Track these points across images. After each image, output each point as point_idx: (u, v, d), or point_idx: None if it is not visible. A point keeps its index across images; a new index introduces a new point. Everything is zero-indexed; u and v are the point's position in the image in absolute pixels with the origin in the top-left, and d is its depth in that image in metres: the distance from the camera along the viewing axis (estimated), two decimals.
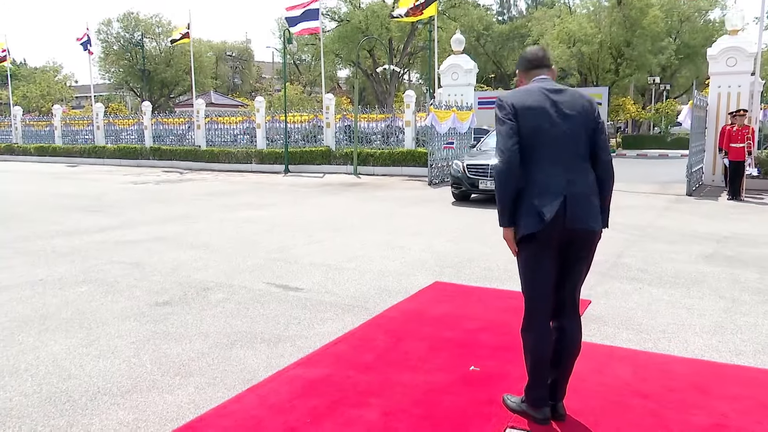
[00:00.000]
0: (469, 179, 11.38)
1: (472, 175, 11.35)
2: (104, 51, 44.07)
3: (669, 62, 37.57)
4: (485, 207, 10.81)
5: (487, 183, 11.13)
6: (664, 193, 13.15)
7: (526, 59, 3.03)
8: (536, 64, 2.97)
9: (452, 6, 37.08)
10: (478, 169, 11.30)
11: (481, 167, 11.19)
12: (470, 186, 11.43)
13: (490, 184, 10.83)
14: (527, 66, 3.00)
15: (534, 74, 2.95)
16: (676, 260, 6.56)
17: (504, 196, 2.77)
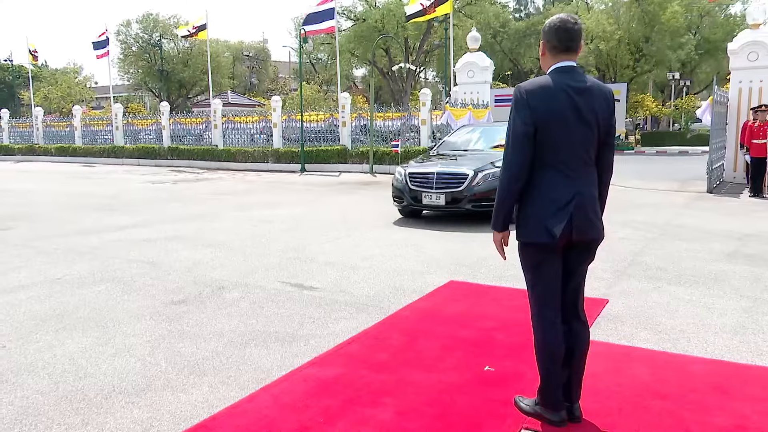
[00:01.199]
0: (412, 192, 8.89)
1: (415, 187, 8.87)
2: (123, 52, 44.56)
3: (689, 58, 37.10)
4: None
5: (432, 197, 8.66)
6: (684, 190, 12.96)
7: (557, 37, 2.69)
8: (567, 46, 2.69)
9: (468, 3, 36.89)
10: (422, 180, 8.84)
11: (427, 177, 8.82)
12: (413, 200, 8.91)
13: (437, 198, 8.63)
14: (557, 45, 2.70)
15: (561, 58, 2.70)
16: (696, 258, 6.46)
17: (504, 204, 2.75)
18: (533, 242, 2.73)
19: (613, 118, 2.78)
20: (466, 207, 8.51)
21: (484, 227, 8.24)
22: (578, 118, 2.65)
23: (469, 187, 8.44)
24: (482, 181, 8.45)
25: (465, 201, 8.50)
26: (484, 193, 8.38)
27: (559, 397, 2.86)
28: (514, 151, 2.66)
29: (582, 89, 2.67)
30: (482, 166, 8.67)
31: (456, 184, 8.57)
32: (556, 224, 2.65)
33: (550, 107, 2.62)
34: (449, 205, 8.59)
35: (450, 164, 9.04)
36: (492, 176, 8.30)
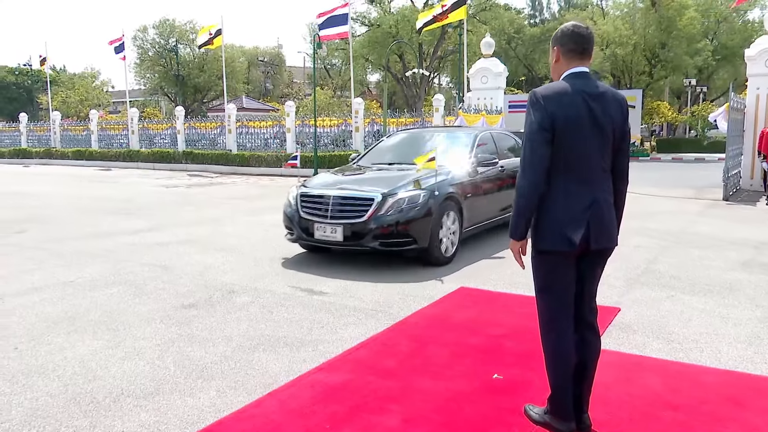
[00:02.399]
0: (302, 221, 6.53)
1: (306, 214, 6.51)
2: (140, 57, 45.00)
3: (706, 64, 36.73)
4: None
5: (326, 229, 6.29)
6: (700, 197, 12.82)
7: (572, 41, 2.69)
8: (581, 52, 2.70)
9: (483, 9, 36.87)
10: (315, 205, 6.50)
11: (320, 202, 6.46)
12: (303, 231, 6.54)
13: (332, 231, 6.25)
14: (572, 50, 2.70)
15: (574, 63, 2.70)
16: (711, 267, 6.37)
17: (523, 211, 2.68)
18: (550, 250, 2.69)
19: (627, 124, 2.76)
20: (371, 245, 6.14)
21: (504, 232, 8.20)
22: (594, 124, 2.63)
23: (375, 216, 6.10)
24: (394, 208, 6.13)
25: (369, 236, 6.12)
26: (395, 226, 6.11)
27: (569, 407, 2.82)
28: (533, 157, 2.62)
29: (597, 95, 2.66)
30: (395, 187, 6.34)
31: (357, 213, 6.20)
32: (575, 232, 2.63)
33: (567, 113, 2.60)
34: (348, 242, 6.22)
35: (355, 184, 6.80)
36: (409, 201, 6.17)
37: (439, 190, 6.38)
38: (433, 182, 6.42)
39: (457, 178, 6.93)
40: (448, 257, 6.56)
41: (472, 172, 7.24)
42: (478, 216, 7.25)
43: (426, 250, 6.26)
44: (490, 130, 8.84)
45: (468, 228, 7.03)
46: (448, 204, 6.55)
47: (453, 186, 6.73)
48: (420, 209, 6.19)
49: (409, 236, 6.14)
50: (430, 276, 6.03)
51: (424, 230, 6.19)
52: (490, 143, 8.13)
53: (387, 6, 38.15)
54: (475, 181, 7.23)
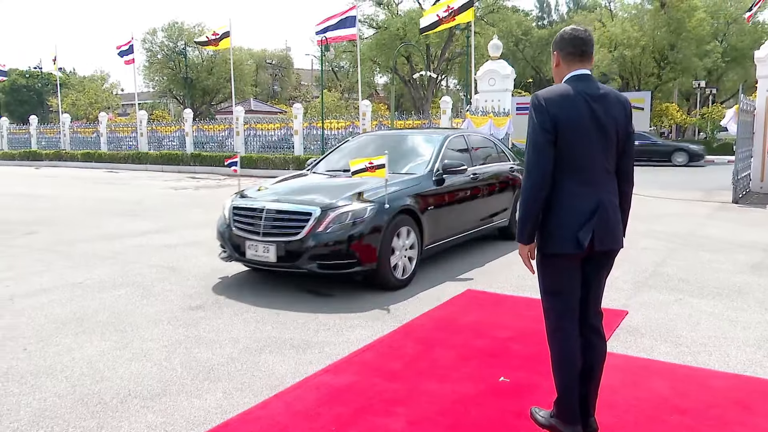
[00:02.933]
0: (233, 237, 5.73)
1: (238, 230, 5.69)
2: (149, 60, 45.26)
3: (715, 65, 36.52)
4: None
5: (258, 248, 5.45)
6: (709, 200, 12.73)
7: (571, 44, 2.71)
8: (580, 54, 2.71)
9: (490, 12, 36.82)
10: (248, 219, 5.67)
11: (254, 215, 5.64)
12: (234, 249, 5.72)
13: (264, 250, 5.41)
14: (571, 53, 2.72)
15: (575, 66, 2.71)
16: (720, 270, 6.33)
17: (529, 214, 2.68)
18: (557, 253, 2.69)
19: (631, 126, 2.76)
20: (307, 267, 5.28)
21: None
22: (597, 126, 2.63)
23: (313, 233, 5.25)
24: (335, 223, 5.27)
25: (305, 256, 5.26)
26: (337, 245, 5.24)
27: (576, 410, 2.81)
28: (537, 159, 2.62)
29: (599, 96, 2.66)
30: (337, 200, 5.51)
31: (292, 230, 5.36)
32: (580, 234, 2.62)
33: (570, 114, 2.60)
34: (282, 263, 5.37)
35: (296, 194, 5.91)
36: (353, 216, 5.31)
37: (391, 203, 5.50)
38: (384, 193, 5.52)
39: (416, 188, 6.02)
40: (404, 280, 5.68)
41: (437, 180, 6.32)
42: (444, 230, 6.42)
43: (375, 272, 5.38)
44: (465, 134, 7.84)
45: (431, 245, 6.16)
46: (403, 218, 5.67)
47: (410, 197, 5.85)
48: (366, 225, 5.32)
49: (352, 256, 5.27)
50: (437, 278, 6.02)
51: (371, 249, 5.31)
52: (462, 148, 7.30)
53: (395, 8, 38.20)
54: (440, 191, 6.31)
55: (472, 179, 6.98)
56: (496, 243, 7.76)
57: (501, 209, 7.67)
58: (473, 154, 7.44)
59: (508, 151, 8.57)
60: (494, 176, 7.58)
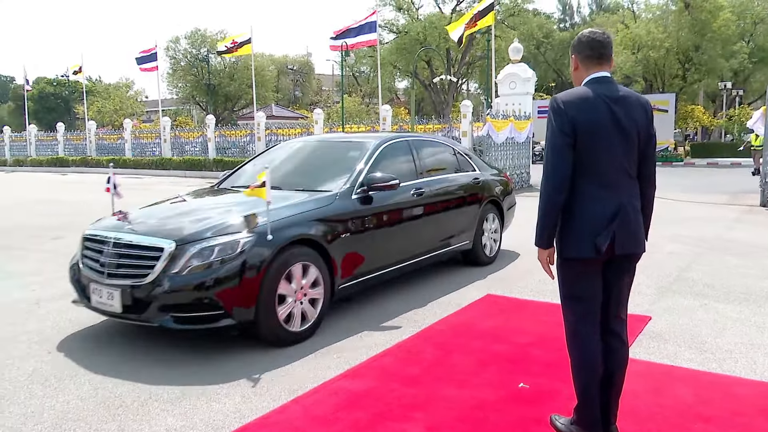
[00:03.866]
0: (81, 277, 4.51)
1: (85, 267, 4.47)
2: (172, 67, 45.93)
3: (742, 66, 35.93)
4: None
5: (103, 293, 4.20)
6: (735, 203, 12.50)
7: (589, 47, 2.69)
8: (598, 57, 2.68)
9: (511, 15, 36.71)
10: (95, 255, 4.42)
11: (100, 251, 4.37)
12: (81, 292, 4.50)
13: (108, 296, 4.16)
14: (589, 56, 2.69)
15: (594, 69, 2.68)
16: (747, 275, 6.20)
17: (547, 217, 2.65)
18: (576, 257, 2.65)
19: (652, 128, 2.72)
20: (159, 320, 4.00)
21: (532, 239, 8.11)
22: (618, 128, 2.60)
23: (166, 275, 3.98)
24: (195, 261, 4.00)
25: (155, 306, 3.99)
26: (196, 290, 3.96)
27: (597, 417, 2.77)
28: (556, 162, 2.60)
29: (619, 98, 2.64)
30: (204, 228, 4.21)
31: (140, 269, 4.09)
32: (600, 237, 2.58)
33: (589, 117, 2.57)
34: (129, 313, 4.10)
35: (157, 220, 4.59)
36: (220, 251, 4.03)
37: (277, 233, 4.18)
38: (277, 219, 4.29)
39: (323, 211, 4.67)
40: (302, 332, 4.34)
41: (362, 199, 5.01)
42: (375, 261, 5.12)
43: (254, 324, 4.07)
44: (411, 138, 6.31)
45: (352, 281, 4.87)
46: (298, 252, 4.32)
47: (312, 223, 4.52)
48: (237, 263, 3.98)
49: (216, 306, 3.95)
50: (457, 282, 5.99)
51: (246, 295, 3.99)
52: (404, 157, 5.90)
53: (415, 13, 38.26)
54: (363, 213, 4.99)
55: (417, 195, 5.65)
56: (516, 247, 7.68)
57: (461, 230, 6.35)
58: (421, 163, 6.04)
59: (475, 158, 7.28)
60: (451, 190, 6.28)
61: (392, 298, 5.47)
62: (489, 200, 6.84)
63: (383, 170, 5.32)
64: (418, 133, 7.42)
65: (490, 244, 6.92)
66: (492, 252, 6.96)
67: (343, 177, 5.18)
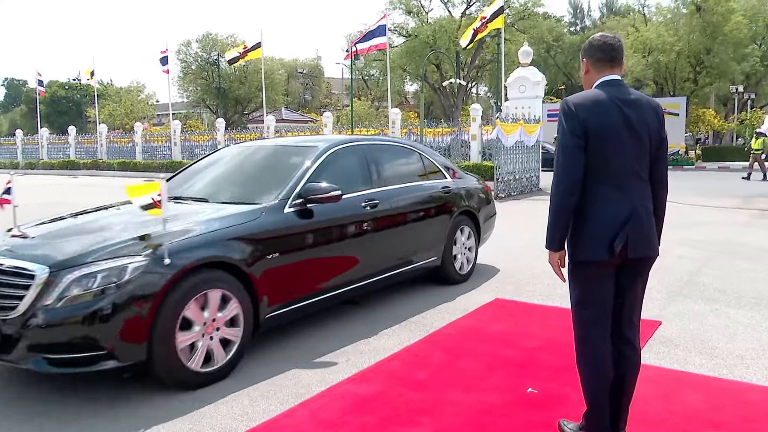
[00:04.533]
0: None
1: None
2: (183, 70, 46.24)
3: (753, 70, 35.63)
4: None
5: None
6: (747, 207, 12.39)
7: (600, 50, 2.69)
8: (610, 60, 2.68)
9: (521, 18, 36.66)
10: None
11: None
12: None
13: None
14: (600, 59, 2.69)
15: (605, 72, 2.68)
16: (758, 279, 6.14)
17: (558, 221, 2.63)
18: (589, 261, 2.63)
19: (663, 131, 2.72)
20: (29, 363, 3.37)
21: (542, 243, 8.07)
22: (629, 131, 2.59)
23: (38, 306, 3.33)
24: (73, 292, 3.33)
25: (24, 344, 3.33)
26: (74, 327, 3.30)
27: (606, 424, 2.75)
28: (567, 165, 2.58)
29: (631, 101, 2.63)
30: (86, 251, 3.53)
31: (8, 299, 3.43)
32: (613, 240, 2.57)
33: (601, 120, 2.56)
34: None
35: (43, 239, 3.93)
36: (103, 279, 3.36)
37: (180, 255, 3.53)
38: (170, 241, 3.55)
39: (245, 228, 3.97)
40: (211, 372, 3.68)
41: (299, 212, 4.33)
42: (310, 285, 4.43)
43: (147, 364, 3.43)
44: (366, 142, 5.59)
45: (283, 309, 4.19)
46: (208, 277, 3.67)
47: (227, 243, 3.81)
48: (125, 293, 3.34)
49: (97, 346, 3.30)
50: (465, 287, 5.97)
51: (135, 332, 3.35)
52: (356, 164, 5.21)
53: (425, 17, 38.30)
54: (298, 229, 4.29)
55: (369, 207, 4.95)
56: (525, 251, 7.63)
57: (426, 245, 5.65)
58: (378, 171, 5.31)
59: (446, 164, 6.52)
60: (414, 201, 5.56)
61: (400, 301, 5.46)
62: (462, 211, 6.16)
63: (328, 179, 4.62)
64: (379, 136, 6.08)
65: (463, 260, 6.19)
66: (465, 269, 6.24)
67: (279, 188, 4.44)
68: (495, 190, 15.23)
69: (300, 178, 4.54)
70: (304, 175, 4.58)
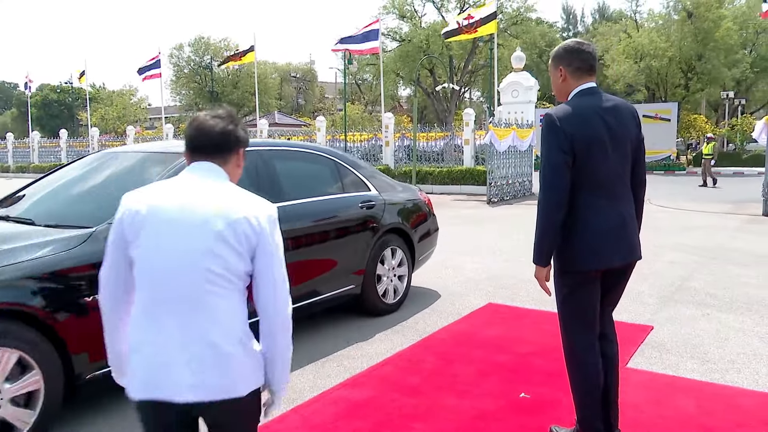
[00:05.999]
0: None
1: None
2: (176, 74, 46.10)
3: (744, 76, 35.89)
4: None
5: None
6: (738, 212, 12.46)
7: (579, 59, 2.64)
8: (589, 68, 2.65)
9: (514, 23, 36.78)
10: None
11: None
12: None
13: None
14: (579, 68, 2.65)
15: (585, 79, 2.65)
16: (749, 284, 6.17)
17: (546, 235, 2.63)
18: (582, 270, 2.64)
19: (641, 133, 2.76)
20: None
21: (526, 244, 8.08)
22: (612, 139, 2.61)
23: None
24: None
25: None
26: None
27: (600, 428, 2.75)
28: (554, 180, 2.57)
29: (610, 109, 2.65)
30: None
31: None
32: (606, 249, 2.61)
33: (586, 132, 2.57)
34: None
35: None
36: None
37: None
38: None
39: (48, 263, 3.02)
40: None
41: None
42: None
43: None
44: (260, 148, 4.47)
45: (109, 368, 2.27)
46: None
47: (21, 283, 2.91)
48: None
49: None
50: (458, 291, 5.96)
51: None
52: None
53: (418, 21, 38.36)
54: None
55: None
56: (519, 256, 7.64)
57: (341, 271, 4.74)
58: (273, 183, 4.35)
59: (374, 175, 5.52)
60: (324, 219, 4.66)
61: None
62: (389, 229, 5.17)
63: None
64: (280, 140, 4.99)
65: (391, 286, 5.24)
66: (394, 297, 5.28)
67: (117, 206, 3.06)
68: (488, 195, 15.28)
69: None
70: None
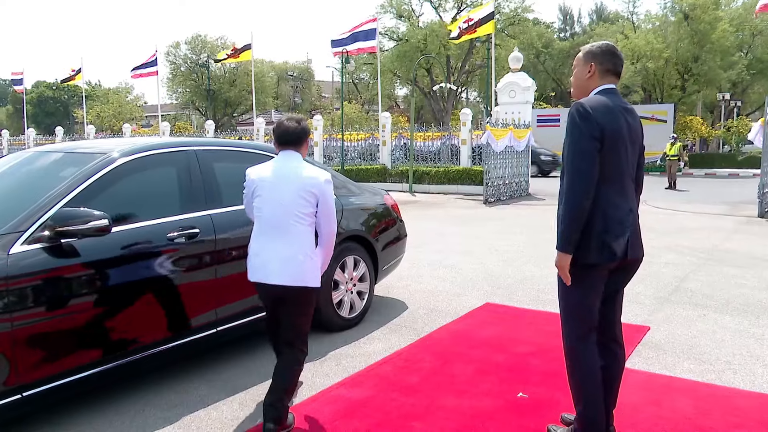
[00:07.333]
0: None
1: None
2: (172, 72, 45.97)
3: (740, 78, 36.05)
4: (545, 225, 10.53)
5: None
6: (734, 214, 12.51)
7: (612, 61, 2.75)
8: (616, 72, 2.77)
9: (511, 24, 36.81)
10: None
11: None
12: None
13: None
14: (609, 70, 2.75)
15: (609, 80, 2.76)
16: (745, 286, 6.19)
17: (574, 223, 2.59)
18: (595, 263, 2.64)
19: (643, 134, 2.86)
20: None
21: (532, 248, 8.09)
22: (630, 137, 2.71)
23: None
24: None
25: None
26: None
27: (601, 422, 2.75)
28: (583, 167, 2.57)
29: (629, 109, 2.76)
30: None
31: None
32: (619, 243, 2.64)
33: (613, 125, 2.63)
34: None
35: None
36: None
37: None
38: None
39: None
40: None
41: (33, 252, 2.92)
42: (61, 361, 3.04)
43: None
44: (191, 147, 3.98)
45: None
46: None
47: None
48: None
49: None
50: (456, 291, 5.98)
51: None
52: (164, 180, 3.79)
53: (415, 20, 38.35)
54: (30, 276, 2.88)
55: (182, 239, 3.59)
56: (516, 256, 7.65)
57: None
58: (208, 187, 3.91)
59: (333, 176, 4.69)
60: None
61: (391, 304, 5.45)
62: (348, 237, 4.76)
63: (117, 200, 3.39)
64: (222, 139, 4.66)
65: (348, 299, 4.79)
66: (352, 311, 4.83)
67: (14, 214, 3.02)
68: (485, 195, 15.29)
69: (53, 201, 3.10)
70: (63, 195, 3.15)
